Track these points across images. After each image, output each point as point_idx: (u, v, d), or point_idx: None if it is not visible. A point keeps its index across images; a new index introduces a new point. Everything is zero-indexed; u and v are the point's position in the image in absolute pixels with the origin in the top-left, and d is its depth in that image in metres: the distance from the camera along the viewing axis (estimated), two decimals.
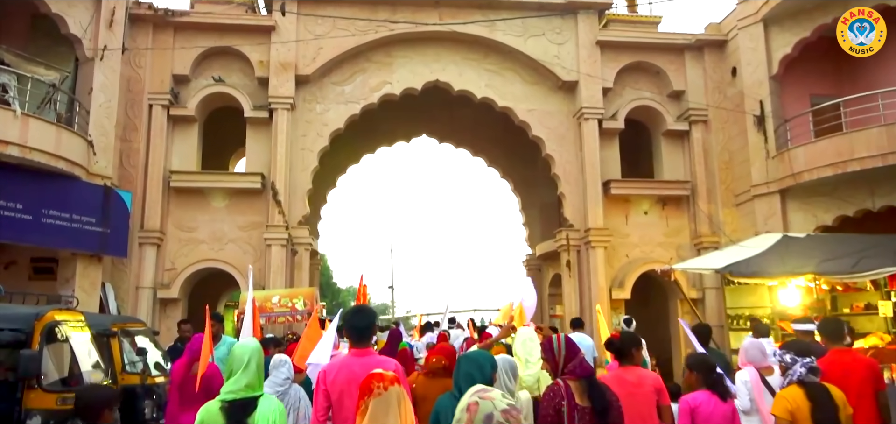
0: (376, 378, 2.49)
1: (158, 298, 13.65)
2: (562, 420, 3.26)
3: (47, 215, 11.33)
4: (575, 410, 3.29)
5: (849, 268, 9.60)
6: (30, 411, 4.66)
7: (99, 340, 5.88)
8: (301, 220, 14.67)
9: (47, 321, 4.90)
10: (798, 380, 3.83)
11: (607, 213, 15.18)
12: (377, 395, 2.42)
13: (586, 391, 3.39)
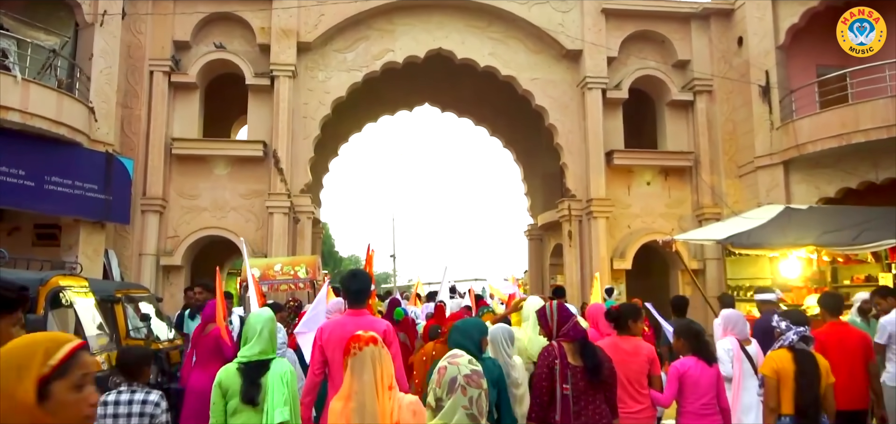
0: (354, 339, 2.60)
1: (161, 265, 13.73)
2: (554, 377, 3.51)
3: (50, 182, 11.35)
4: (567, 368, 3.53)
5: (850, 240, 9.60)
6: None
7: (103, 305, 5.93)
8: (303, 188, 14.68)
9: (52, 287, 4.94)
10: (788, 345, 4.05)
11: (610, 183, 15.16)
12: (353, 355, 2.54)
13: (579, 351, 3.62)
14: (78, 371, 1.47)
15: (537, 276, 19.85)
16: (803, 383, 3.89)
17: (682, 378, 4.24)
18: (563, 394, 3.50)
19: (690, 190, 15.63)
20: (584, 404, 3.51)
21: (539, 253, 19.97)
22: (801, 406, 3.86)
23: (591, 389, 3.56)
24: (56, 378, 1.43)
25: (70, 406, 1.44)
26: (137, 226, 13.57)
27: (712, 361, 4.37)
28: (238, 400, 3.40)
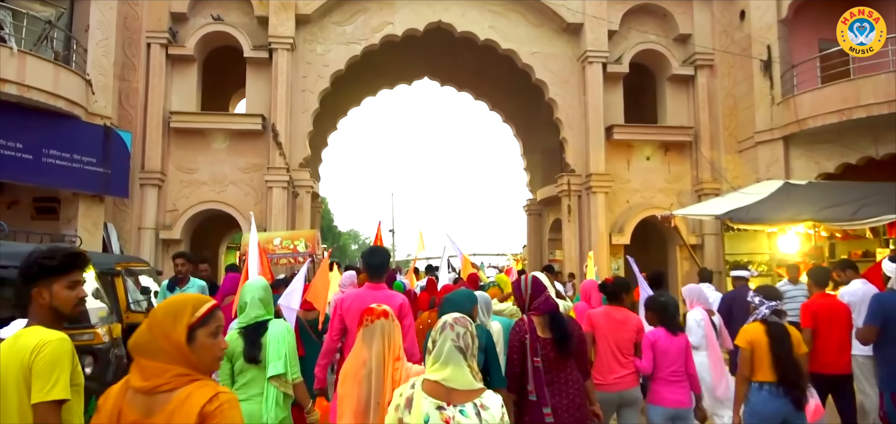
0: (367, 311, 2.87)
1: (161, 238, 13.75)
2: (525, 351, 3.69)
3: (48, 155, 11.32)
4: (537, 342, 3.71)
5: (849, 215, 9.62)
6: None
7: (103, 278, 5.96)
8: (302, 162, 14.64)
9: None
10: (762, 318, 4.26)
11: (609, 158, 15.13)
12: (365, 326, 2.82)
13: (548, 324, 3.77)
14: (214, 323, 1.97)
15: (536, 251, 19.90)
16: (782, 353, 4.09)
17: (653, 345, 4.53)
18: (534, 366, 3.67)
19: (690, 165, 15.61)
20: (555, 373, 3.70)
21: (538, 228, 20.00)
22: (784, 373, 4.06)
23: (560, 359, 3.73)
24: (200, 326, 1.92)
25: (208, 347, 1.93)
26: (136, 200, 13.56)
27: (678, 331, 4.64)
28: (242, 361, 3.72)
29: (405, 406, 2.37)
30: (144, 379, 1.85)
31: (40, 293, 2.31)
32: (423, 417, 2.28)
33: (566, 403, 3.67)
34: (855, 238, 11.62)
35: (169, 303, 1.95)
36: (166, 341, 1.85)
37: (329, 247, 23.47)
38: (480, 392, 2.37)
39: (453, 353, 2.35)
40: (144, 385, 1.84)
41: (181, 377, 1.85)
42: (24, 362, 2.12)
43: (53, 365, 2.14)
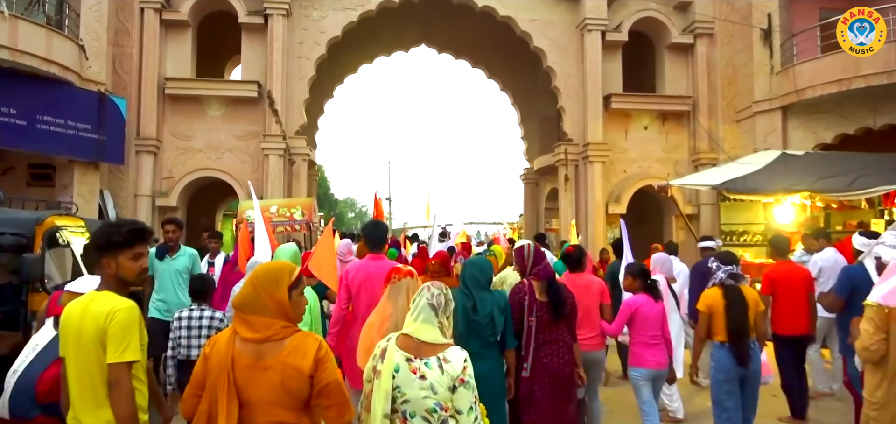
0: (395, 270, 3.28)
1: (157, 206, 13.72)
2: (523, 310, 4.08)
3: (42, 121, 11.23)
4: (534, 303, 4.10)
5: (845, 186, 9.63)
6: (36, 313, 4.75)
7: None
8: (298, 130, 14.56)
9: (48, 226, 4.93)
10: (719, 283, 4.61)
11: (607, 127, 15.08)
12: (393, 283, 3.21)
13: (546, 289, 4.16)
14: (301, 285, 2.38)
15: (532, 220, 19.94)
16: (733, 313, 4.45)
17: (634, 313, 4.79)
18: (528, 325, 4.06)
19: (687, 135, 15.58)
20: (547, 333, 4.09)
21: (534, 197, 20.01)
22: (732, 331, 4.44)
23: (553, 321, 4.11)
24: (294, 288, 2.32)
25: (299, 304, 2.34)
26: (132, 167, 13.50)
27: (659, 298, 4.93)
28: None
29: (380, 356, 2.61)
30: (255, 331, 2.21)
31: (108, 263, 2.58)
32: (393, 367, 2.53)
33: (556, 361, 4.05)
34: (850, 209, 11.66)
35: (269, 268, 2.34)
36: (271, 300, 2.23)
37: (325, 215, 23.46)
38: (445, 347, 2.59)
39: (426, 309, 2.62)
40: (256, 336, 2.20)
41: (286, 329, 2.24)
42: (100, 325, 2.40)
43: (125, 331, 2.41)
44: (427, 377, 2.51)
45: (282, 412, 2.18)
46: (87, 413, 2.42)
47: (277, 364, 2.18)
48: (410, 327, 2.62)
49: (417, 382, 2.50)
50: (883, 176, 9.38)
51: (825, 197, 10.32)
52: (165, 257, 6.11)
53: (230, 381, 2.16)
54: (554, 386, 3.99)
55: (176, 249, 6.21)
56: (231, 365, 2.17)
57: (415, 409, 2.50)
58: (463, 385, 2.52)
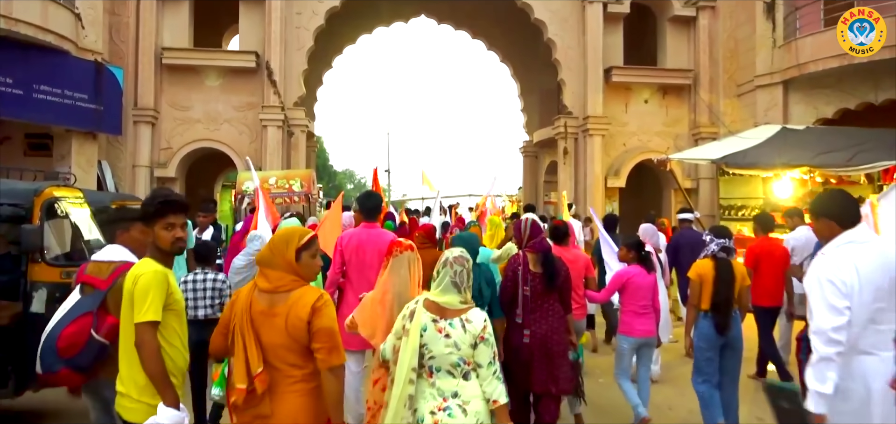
0: (397, 244, 3.49)
1: (155, 176, 13.70)
2: (517, 280, 4.26)
3: (39, 91, 11.16)
4: (528, 274, 4.28)
5: (844, 161, 9.62)
6: (35, 284, 4.75)
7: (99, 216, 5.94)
8: (297, 101, 14.48)
9: (46, 197, 4.91)
10: (711, 254, 4.76)
11: (607, 101, 15.01)
12: (395, 256, 3.40)
13: (541, 261, 4.32)
14: (313, 247, 2.69)
15: (532, 193, 19.93)
16: (720, 285, 4.62)
17: (626, 283, 5.04)
18: (523, 294, 4.23)
19: (688, 109, 15.52)
20: (540, 303, 4.26)
21: (534, 170, 19.97)
22: (715, 302, 4.62)
23: (546, 292, 4.27)
24: (304, 250, 2.64)
25: (309, 264, 2.67)
26: (130, 137, 13.45)
27: (652, 270, 5.19)
28: None
29: (409, 316, 2.90)
30: (268, 283, 2.59)
31: (145, 232, 2.87)
32: (421, 326, 2.82)
33: (546, 329, 4.25)
34: (849, 184, 11.64)
35: (284, 232, 2.71)
36: (282, 258, 2.61)
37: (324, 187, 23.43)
38: (467, 309, 2.88)
39: (449, 287, 2.88)
40: (269, 286, 2.59)
41: (294, 282, 2.60)
42: (129, 289, 2.71)
43: (146, 293, 2.65)
44: (451, 335, 2.80)
45: (289, 354, 2.56)
46: (125, 371, 2.75)
47: (284, 312, 2.54)
48: (435, 294, 2.89)
49: (443, 340, 2.80)
50: (882, 151, 9.36)
51: (824, 172, 10.31)
52: None
53: (251, 322, 2.57)
54: (544, 352, 4.17)
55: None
56: (249, 310, 2.58)
57: (440, 364, 2.81)
58: (483, 342, 2.81)
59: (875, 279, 2.74)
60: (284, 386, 2.55)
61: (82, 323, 3.13)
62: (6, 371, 4.69)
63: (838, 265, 2.76)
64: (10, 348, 4.70)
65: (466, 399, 2.78)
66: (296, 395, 2.54)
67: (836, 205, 2.95)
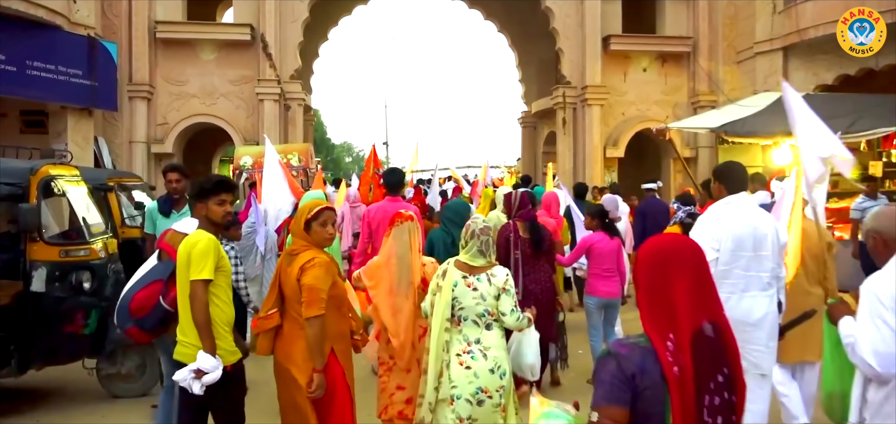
0: (399, 215, 3.88)
1: (152, 152, 13.63)
2: (509, 245, 4.91)
3: (32, 67, 11.06)
4: (518, 239, 4.98)
5: (844, 128, 9.55)
6: (34, 263, 4.75)
7: (96, 194, 5.92)
8: (293, 74, 14.37)
9: (42, 176, 4.88)
10: (679, 221, 5.18)
11: (606, 70, 14.90)
12: (397, 225, 3.78)
13: (528, 228, 5.02)
14: (322, 218, 3.30)
15: (530, 164, 19.87)
16: None
17: (590, 248, 5.48)
18: (514, 258, 4.89)
19: (687, 77, 15.41)
20: (530, 266, 4.95)
21: (532, 141, 19.89)
22: None
23: (534, 256, 4.97)
24: (313, 220, 3.28)
25: (318, 232, 3.28)
26: (126, 113, 13.36)
27: (614, 235, 5.60)
28: None
29: (441, 275, 3.43)
30: (292, 246, 3.30)
31: (201, 207, 3.39)
32: (453, 283, 3.34)
33: (537, 287, 4.90)
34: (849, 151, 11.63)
35: (303, 206, 3.42)
36: (297, 227, 3.30)
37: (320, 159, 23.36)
38: (491, 266, 3.40)
39: (477, 254, 3.39)
40: (290, 248, 3.32)
41: (306, 246, 3.24)
42: (187, 252, 3.21)
43: (202, 256, 3.16)
44: (478, 289, 3.33)
45: (296, 305, 3.17)
46: (184, 322, 3.24)
47: (293, 271, 3.17)
48: (464, 257, 3.42)
49: (471, 293, 3.32)
50: (882, 118, 9.33)
51: None
52: (171, 212, 5.20)
53: (279, 278, 3.30)
54: (536, 308, 4.52)
55: (183, 202, 5.21)
56: (281, 269, 3.30)
57: (468, 314, 3.33)
58: (505, 293, 3.34)
59: (737, 234, 3.52)
60: (295, 330, 3.19)
61: (153, 289, 3.52)
62: (9, 349, 4.72)
63: (714, 219, 3.64)
64: (13, 326, 4.72)
65: (487, 346, 3.29)
66: (302, 338, 3.18)
67: (727, 173, 3.78)
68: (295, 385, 3.17)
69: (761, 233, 3.59)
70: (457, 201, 6.37)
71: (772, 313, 3.58)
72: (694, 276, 1.64)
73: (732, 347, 1.65)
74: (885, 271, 2.39)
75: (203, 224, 3.34)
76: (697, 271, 1.66)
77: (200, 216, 3.36)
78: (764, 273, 3.58)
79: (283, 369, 3.23)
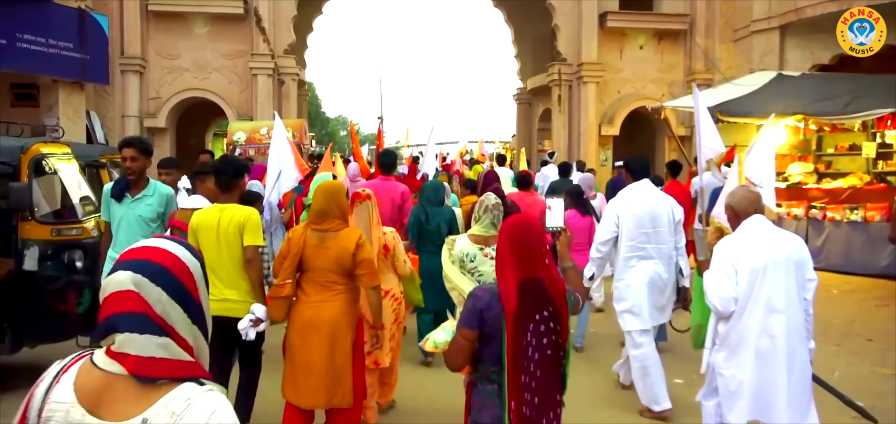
0: (357, 195, 4.17)
1: (145, 127, 13.53)
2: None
3: (22, 40, 10.90)
4: None
5: (840, 109, 9.60)
6: (26, 241, 4.72)
7: (89, 171, 5.87)
8: (287, 49, 14.23)
9: (33, 154, 4.83)
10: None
11: (602, 47, 14.81)
12: (357, 205, 4.11)
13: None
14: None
15: (525, 140, 19.83)
16: None
17: (565, 223, 5.56)
18: None
19: (683, 55, 15.33)
20: None
21: (527, 118, 19.83)
22: None
23: None
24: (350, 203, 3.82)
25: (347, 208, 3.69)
26: (118, 87, 13.22)
27: (586, 213, 6.02)
28: None
29: (451, 244, 3.83)
30: (321, 224, 3.48)
31: (238, 184, 3.91)
32: (470, 254, 3.79)
33: None
34: (842, 131, 11.65)
35: (335, 186, 3.70)
36: (337, 205, 3.53)
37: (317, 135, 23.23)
38: None
39: (490, 226, 3.82)
40: (322, 227, 3.48)
41: (340, 224, 3.51)
42: (241, 222, 3.68)
43: (257, 226, 3.74)
44: (491, 256, 3.67)
45: (332, 275, 3.47)
46: (234, 281, 3.69)
47: (334, 246, 3.44)
48: (478, 229, 3.85)
49: (488, 261, 3.74)
50: (878, 99, 9.33)
51: (819, 120, 10.30)
52: (125, 196, 4.33)
53: (304, 254, 3.47)
54: None
55: (141, 185, 4.36)
56: (304, 245, 3.46)
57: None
58: None
59: (636, 214, 4.48)
60: (329, 295, 3.48)
61: None
62: (2, 327, 4.72)
63: (617, 203, 4.60)
64: (5, 305, 4.71)
65: None
66: (336, 301, 3.48)
67: (634, 164, 4.80)
68: (333, 341, 3.44)
69: (658, 212, 4.51)
70: (434, 180, 6.95)
71: (670, 276, 4.50)
72: (520, 245, 2.27)
73: (554, 292, 2.26)
74: (732, 236, 3.27)
75: (237, 199, 3.85)
76: (523, 241, 2.28)
77: (211, 192, 3.76)
78: (663, 245, 4.50)
79: (318, 329, 3.43)
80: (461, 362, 2.37)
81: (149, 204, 4.36)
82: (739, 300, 3.08)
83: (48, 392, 1.20)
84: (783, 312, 3.06)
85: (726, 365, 3.21)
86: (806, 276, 3.15)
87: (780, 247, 3.11)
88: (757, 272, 3.05)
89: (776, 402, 3.10)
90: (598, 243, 4.60)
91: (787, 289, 3.06)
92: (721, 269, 3.12)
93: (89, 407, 1.16)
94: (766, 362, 3.09)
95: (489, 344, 2.27)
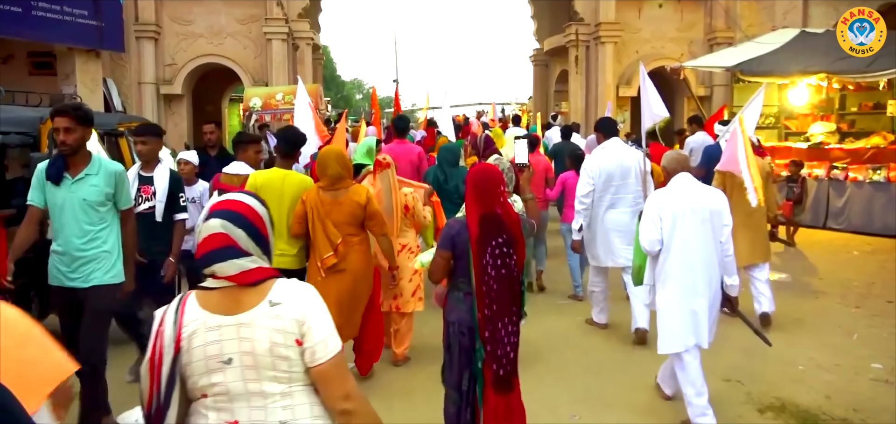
0: (378, 163, 4.72)
1: (162, 94, 13.58)
2: None
3: (37, 8, 10.93)
4: None
5: (863, 67, 9.36)
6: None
7: (108, 140, 5.91)
8: (301, 13, 14.13)
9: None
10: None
11: (620, 6, 14.52)
12: (380, 172, 4.66)
13: None
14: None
15: (542, 102, 19.63)
16: None
17: (564, 183, 6.42)
18: None
19: (704, 13, 14.99)
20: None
21: (544, 79, 19.60)
22: None
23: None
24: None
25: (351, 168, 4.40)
26: (134, 54, 13.25)
27: None
28: None
29: None
30: (333, 184, 4.03)
31: (296, 154, 4.58)
32: None
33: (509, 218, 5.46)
34: (867, 89, 11.38)
35: (343, 153, 4.35)
36: (345, 168, 4.11)
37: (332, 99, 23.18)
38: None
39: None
40: (336, 186, 4.03)
41: (349, 182, 4.09)
42: (304, 185, 4.26)
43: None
44: None
45: (348, 227, 4.04)
46: (278, 244, 3.93)
47: (347, 202, 4.03)
48: None
49: None
50: None
51: (842, 78, 10.06)
52: (63, 177, 3.48)
53: (322, 212, 4.02)
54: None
55: (81, 162, 3.47)
56: (320, 203, 4.03)
57: None
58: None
59: (608, 168, 5.22)
60: (348, 246, 4.04)
61: None
62: (29, 295, 4.82)
63: (592, 160, 5.32)
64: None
65: None
66: (356, 251, 4.09)
67: (604, 125, 5.60)
68: (356, 279, 4.11)
69: (626, 166, 5.25)
70: (452, 142, 7.38)
71: (634, 223, 4.62)
72: (480, 187, 2.92)
73: (508, 223, 2.91)
74: (662, 189, 3.81)
75: (290, 167, 4.39)
76: (484, 184, 2.93)
77: (252, 159, 4.55)
78: (629, 195, 5.24)
79: (346, 273, 4.06)
80: (440, 275, 3.08)
81: (94, 185, 3.49)
82: (664, 242, 3.64)
83: (178, 319, 1.56)
84: (701, 250, 3.60)
85: (660, 298, 3.76)
86: (722, 222, 3.66)
87: (698, 198, 3.66)
88: (676, 217, 3.60)
89: (700, 326, 3.63)
90: (581, 196, 5.26)
91: (703, 232, 3.61)
92: (649, 216, 3.70)
93: (218, 313, 1.56)
94: (689, 292, 3.62)
95: (459, 262, 2.97)
